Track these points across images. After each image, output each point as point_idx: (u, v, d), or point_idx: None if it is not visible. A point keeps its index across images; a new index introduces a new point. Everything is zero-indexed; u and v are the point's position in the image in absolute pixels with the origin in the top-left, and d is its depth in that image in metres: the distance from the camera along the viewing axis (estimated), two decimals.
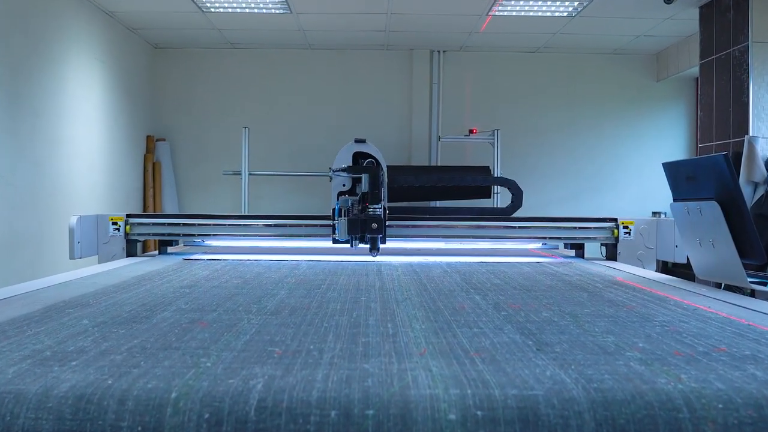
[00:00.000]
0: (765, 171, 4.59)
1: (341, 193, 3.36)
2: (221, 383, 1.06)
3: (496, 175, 6.19)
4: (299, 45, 7.04)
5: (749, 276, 2.26)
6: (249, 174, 6.16)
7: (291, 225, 3.48)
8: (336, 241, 3.27)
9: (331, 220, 3.23)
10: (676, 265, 3.48)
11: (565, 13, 5.87)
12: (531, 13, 5.88)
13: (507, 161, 6.83)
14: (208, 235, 3.57)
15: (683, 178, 2.45)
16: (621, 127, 7.32)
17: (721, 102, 5.17)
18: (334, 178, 3.43)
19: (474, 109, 7.25)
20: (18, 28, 4.52)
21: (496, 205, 6.20)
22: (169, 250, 3.64)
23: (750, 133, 4.76)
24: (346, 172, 3.35)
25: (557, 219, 3.53)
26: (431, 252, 3.58)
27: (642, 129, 7.32)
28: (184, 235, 3.61)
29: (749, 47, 4.81)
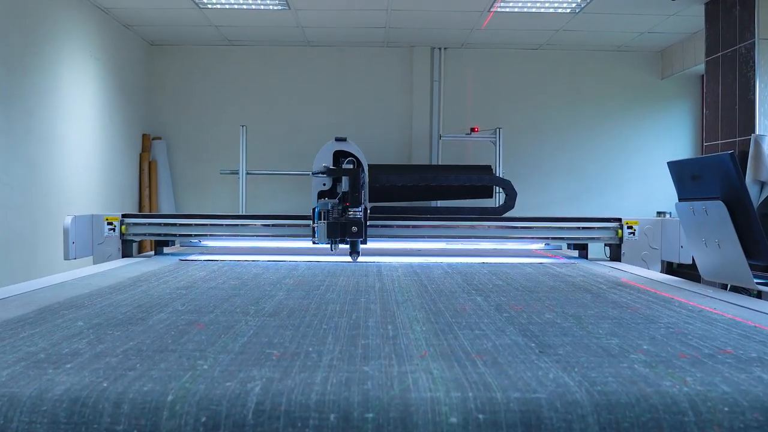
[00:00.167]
0: None
1: (321, 193, 3.29)
2: (218, 386, 1.05)
3: (494, 175, 6.16)
4: (298, 42, 7.01)
5: (756, 277, 2.25)
6: (247, 173, 6.14)
7: (289, 225, 3.46)
8: (315, 244, 3.25)
9: (311, 222, 3.20)
10: (681, 265, 3.46)
11: (568, 10, 5.84)
12: (533, 10, 5.85)
13: (509, 160, 6.80)
14: (205, 235, 3.55)
15: (688, 178, 2.44)
16: (625, 126, 7.27)
17: (727, 100, 5.14)
18: (313, 178, 3.39)
19: (476, 107, 7.21)
20: (11, 25, 4.49)
21: (498, 205, 6.18)
22: (166, 250, 3.61)
23: (756, 132, 4.74)
24: (325, 174, 3.28)
25: (560, 219, 3.51)
26: (432, 252, 3.57)
27: (646, 127, 7.27)
28: (180, 236, 3.59)
29: (756, 44, 4.78)
